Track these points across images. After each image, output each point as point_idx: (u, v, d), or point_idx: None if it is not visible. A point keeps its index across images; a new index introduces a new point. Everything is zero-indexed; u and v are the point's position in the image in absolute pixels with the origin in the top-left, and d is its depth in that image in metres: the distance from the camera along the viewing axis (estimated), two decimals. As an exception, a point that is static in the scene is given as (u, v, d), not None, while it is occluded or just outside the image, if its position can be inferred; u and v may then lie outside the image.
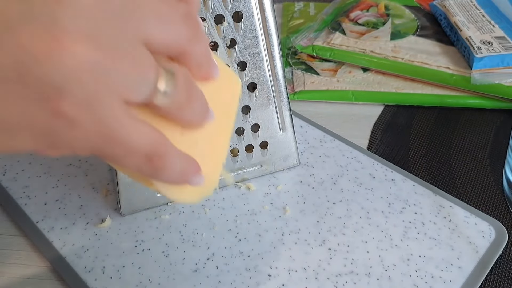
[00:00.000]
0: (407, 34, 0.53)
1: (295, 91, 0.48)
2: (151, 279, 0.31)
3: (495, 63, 0.46)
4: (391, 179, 0.38)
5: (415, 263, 0.32)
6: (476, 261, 0.32)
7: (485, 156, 0.41)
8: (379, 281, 0.31)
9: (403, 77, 0.49)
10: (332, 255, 0.32)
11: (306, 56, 0.52)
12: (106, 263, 0.32)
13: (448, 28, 0.53)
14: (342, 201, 0.36)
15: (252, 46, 0.33)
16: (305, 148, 0.41)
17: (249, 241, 0.33)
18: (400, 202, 0.36)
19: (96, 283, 0.31)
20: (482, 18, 0.52)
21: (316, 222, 0.35)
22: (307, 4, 0.63)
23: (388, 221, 0.35)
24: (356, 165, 0.39)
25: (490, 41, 0.48)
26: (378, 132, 0.44)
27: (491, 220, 0.35)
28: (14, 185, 0.37)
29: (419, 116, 0.46)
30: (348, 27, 0.53)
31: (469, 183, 0.39)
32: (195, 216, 0.35)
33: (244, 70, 0.33)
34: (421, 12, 0.57)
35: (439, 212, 0.35)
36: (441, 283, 0.31)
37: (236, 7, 0.31)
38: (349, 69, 0.50)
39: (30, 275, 0.32)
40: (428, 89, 0.48)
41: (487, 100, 0.46)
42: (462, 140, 0.43)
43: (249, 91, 0.34)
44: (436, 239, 0.33)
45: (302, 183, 0.38)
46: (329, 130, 0.43)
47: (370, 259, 0.32)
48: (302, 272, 0.31)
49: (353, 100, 0.48)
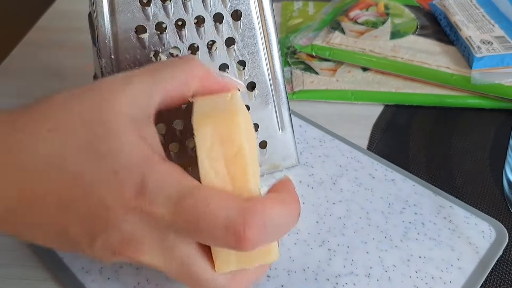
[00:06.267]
0: (407, 33, 0.52)
1: (294, 90, 0.48)
2: (148, 280, 0.31)
3: (495, 62, 0.46)
4: (391, 179, 0.38)
5: (415, 264, 0.32)
6: (476, 261, 0.32)
7: (485, 156, 0.41)
8: (379, 282, 0.31)
9: (403, 76, 0.49)
10: (331, 255, 0.32)
11: (305, 55, 0.52)
12: (104, 264, 0.32)
13: (448, 28, 0.52)
14: (341, 201, 0.36)
15: (251, 45, 0.33)
16: (304, 148, 0.41)
17: (248, 242, 0.33)
18: (400, 202, 0.36)
19: (93, 284, 0.31)
20: (482, 18, 0.51)
21: (316, 223, 0.34)
22: (306, 3, 0.63)
23: (388, 222, 0.34)
24: (356, 165, 0.39)
25: (490, 41, 0.48)
26: (378, 132, 0.44)
27: (492, 220, 0.34)
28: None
29: (419, 116, 0.46)
30: (348, 26, 0.53)
31: (469, 183, 0.39)
32: (193, 216, 0.35)
33: (243, 69, 0.33)
34: (421, 11, 0.57)
35: (439, 212, 0.35)
36: (441, 284, 0.31)
37: (235, 6, 0.31)
38: (348, 69, 0.50)
39: (27, 276, 0.32)
40: (428, 89, 0.48)
41: (487, 100, 0.46)
42: (462, 140, 0.43)
43: (248, 91, 0.34)
44: (436, 240, 0.33)
45: (301, 183, 0.38)
46: (328, 130, 0.43)
47: (370, 260, 0.32)
48: (301, 273, 0.31)
49: (353, 99, 0.47)
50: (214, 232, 0.22)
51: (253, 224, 0.21)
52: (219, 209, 0.21)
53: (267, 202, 0.22)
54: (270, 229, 0.22)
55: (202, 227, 0.22)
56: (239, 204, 0.22)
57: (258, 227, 0.21)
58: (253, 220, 0.21)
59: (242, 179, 0.23)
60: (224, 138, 0.23)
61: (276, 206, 0.22)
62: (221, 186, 0.23)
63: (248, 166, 0.23)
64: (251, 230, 0.21)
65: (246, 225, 0.21)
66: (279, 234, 0.24)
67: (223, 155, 0.23)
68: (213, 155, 0.23)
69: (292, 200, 0.24)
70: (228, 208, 0.21)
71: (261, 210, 0.22)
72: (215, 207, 0.21)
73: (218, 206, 0.22)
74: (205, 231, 0.22)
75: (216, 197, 0.22)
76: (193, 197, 0.22)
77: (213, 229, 0.21)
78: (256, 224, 0.21)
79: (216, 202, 0.22)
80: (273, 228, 0.22)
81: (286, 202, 0.23)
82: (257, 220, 0.21)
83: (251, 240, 0.21)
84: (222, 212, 0.21)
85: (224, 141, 0.23)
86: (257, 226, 0.21)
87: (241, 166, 0.23)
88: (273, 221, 0.22)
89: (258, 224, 0.21)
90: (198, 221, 0.21)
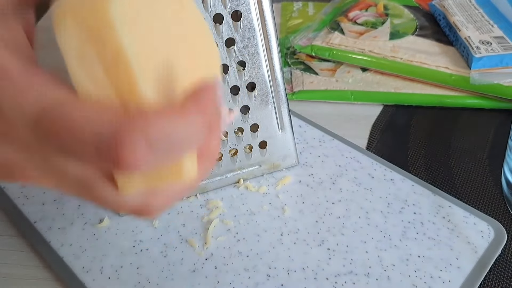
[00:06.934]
0: (406, 34, 0.53)
1: (294, 91, 0.48)
2: (149, 279, 0.31)
3: (494, 63, 0.46)
4: (390, 179, 0.38)
5: (414, 263, 0.32)
6: (475, 261, 0.32)
7: (484, 156, 0.41)
8: (378, 281, 0.31)
9: (402, 77, 0.49)
10: (331, 255, 0.32)
11: (305, 56, 0.52)
12: (104, 263, 0.32)
13: (447, 28, 0.53)
14: (341, 201, 0.36)
15: (251, 45, 0.33)
16: (304, 148, 0.41)
17: (247, 241, 0.33)
18: (399, 202, 0.36)
19: (94, 283, 0.31)
20: (481, 18, 0.52)
21: (315, 222, 0.35)
22: (306, 3, 0.63)
23: (387, 221, 0.35)
24: (355, 165, 0.39)
25: (489, 41, 0.48)
26: (377, 132, 0.44)
27: (490, 220, 0.35)
28: (11, 186, 0.37)
29: (418, 116, 0.46)
30: (347, 26, 0.53)
31: (468, 183, 0.39)
32: (193, 216, 0.35)
33: (243, 69, 0.33)
34: (420, 12, 0.57)
35: (438, 212, 0.35)
36: (440, 283, 0.31)
37: (235, 6, 0.31)
38: (348, 69, 0.50)
39: (28, 276, 0.32)
40: (427, 89, 0.48)
41: (486, 100, 0.46)
42: (461, 140, 0.43)
43: (248, 91, 0.34)
44: (435, 239, 0.33)
45: (301, 183, 0.38)
46: (328, 130, 0.43)
47: (369, 259, 0.32)
48: (301, 272, 0.31)
49: (352, 100, 0.48)
50: (84, 152, 0.18)
51: (129, 142, 0.17)
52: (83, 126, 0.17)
53: (153, 114, 0.18)
54: (159, 147, 0.18)
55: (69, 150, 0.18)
56: (113, 117, 0.17)
57: (138, 146, 0.17)
58: (129, 138, 0.17)
59: (128, 88, 0.18)
60: (93, 35, 0.17)
61: (167, 117, 0.18)
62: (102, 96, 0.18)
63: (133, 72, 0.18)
64: (127, 150, 0.17)
65: (119, 144, 0.17)
66: (178, 151, 0.19)
67: (98, 58, 0.18)
68: (85, 58, 0.18)
69: (196, 106, 0.19)
70: (96, 123, 0.17)
71: (141, 125, 0.17)
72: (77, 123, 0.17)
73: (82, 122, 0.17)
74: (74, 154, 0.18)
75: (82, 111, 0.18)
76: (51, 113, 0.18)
77: (81, 149, 0.18)
78: (135, 142, 0.17)
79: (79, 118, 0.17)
80: (164, 145, 0.18)
81: (185, 110, 0.19)
82: (136, 138, 0.17)
83: (130, 161, 0.17)
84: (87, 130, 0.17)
85: (95, 39, 0.17)
86: (135, 145, 0.17)
87: (124, 72, 0.18)
88: (162, 137, 0.18)
89: (138, 142, 0.17)
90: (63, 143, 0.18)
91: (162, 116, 0.18)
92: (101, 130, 0.17)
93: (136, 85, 0.18)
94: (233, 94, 0.34)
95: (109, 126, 0.17)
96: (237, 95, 0.34)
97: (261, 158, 0.37)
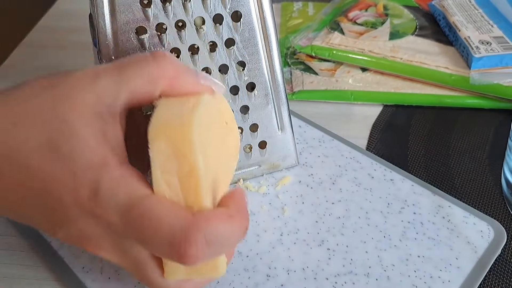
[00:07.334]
0: (406, 34, 0.53)
1: (294, 91, 0.48)
2: (149, 280, 0.31)
3: (493, 63, 0.46)
4: (390, 179, 0.38)
5: (414, 263, 0.32)
6: (474, 261, 0.32)
7: (484, 156, 0.41)
8: (378, 281, 0.31)
9: (402, 77, 0.49)
10: (331, 255, 0.32)
11: (304, 56, 0.52)
12: (104, 264, 0.32)
13: (447, 28, 0.53)
14: (341, 201, 0.36)
15: (251, 45, 0.33)
16: (303, 148, 0.41)
17: (247, 241, 0.33)
18: (399, 202, 0.36)
19: (94, 284, 0.31)
20: (481, 18, 0.52)
21: (315, 222, 0.35)
22: (306, 4, 0.63)
23: (387, 221, 0.35)
24: (355, 165, 0.39)
25: (489, 41, 0.48)
26: (377, 132, 0.44)
27: (490, 220, 0.35)
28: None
29: (418, 116, 0.46)
30: (347, 27, 0.53)
31: (468, 183, 0.39)
32: (193, 216, 0.35)
33: (243, 69, 0.33)
34: (420, 12, 0.57)
35: (438, 212, 0.35)
36: (440, 283, 0.31)
37: (235, 7, 0.31)
38: (348, 69, 0.50)
39: (28, 276, 0.32)
40: (427, 89, 0.48)
41: (486, 100, 0.46)
42: (461, 140, 0.43)
43: (248, 91, 0.34)
44: (435, 239, 0.33)
45: (301, 183, 0.38)
46: (327, 130, 0.43)
47: (369, 259, 0.32)
48: (300, 272, 0.31)
49: (352, 100, 0.48)
50: (158, 245, 0.22)
51: (195, 241, 0.21)
52: (162, 223, 0.22)
53: (211, 218, 0.22)
54: (213, 245, 0.22)
55: (147, 239, 0.22)
56: (183, 219, 0.22)
57: (200, 244, 0.21)
58: (195, 237, 0.21)
59: (194, 196, 0.23)
60: (177, 152, 0.22)
61: (221, 222, 0.22)
62: (173, 198, 0.23)
63: (201, 185, 0.23)
64: (192, 247, 0.21)
65: (188, 242, 0.21)
66: (223, 250, 0.24)
67: (176, 169, 0.22)
68: (167, 168, 0.23)
69: (239, 214, 0.24)
70: (172, 222, 0.22)
71: (204, 226, 0.22)
72: (159, 220, 0.22)
73: (163, 220, 0.22)
74: (150, 243, 0.23)
75: (163, 210, 0.22)
76: (139, 208, 0.22)
77: (157, 242, 0.22)
78: (198, 241, 0.21)
79: (161, 215, 0.22)
80: (216, 244, 0.22)
81: (232, 217, 0.23)
82: (199, 237, 0.21)
83: (192, 256, 0.21)
84: (165, 226, 0.22)
85: (178, 156, 0.22)
86: (199, 243, 0.21)
87: (194, 184, 0.23)
88: (216, 238, 0.22)
89: (200, 241, 0.21)
90: (143, 232, 0.22)
91: (217, 220, 0.22)
92: (174, 228, 0.22)
93: (201, 195, 0.23)
94: (233, 94, 0.34)
95: (181, 223, 0.22)
96: (237, 95, 0.34)
97: (261, 158, 0.37)
